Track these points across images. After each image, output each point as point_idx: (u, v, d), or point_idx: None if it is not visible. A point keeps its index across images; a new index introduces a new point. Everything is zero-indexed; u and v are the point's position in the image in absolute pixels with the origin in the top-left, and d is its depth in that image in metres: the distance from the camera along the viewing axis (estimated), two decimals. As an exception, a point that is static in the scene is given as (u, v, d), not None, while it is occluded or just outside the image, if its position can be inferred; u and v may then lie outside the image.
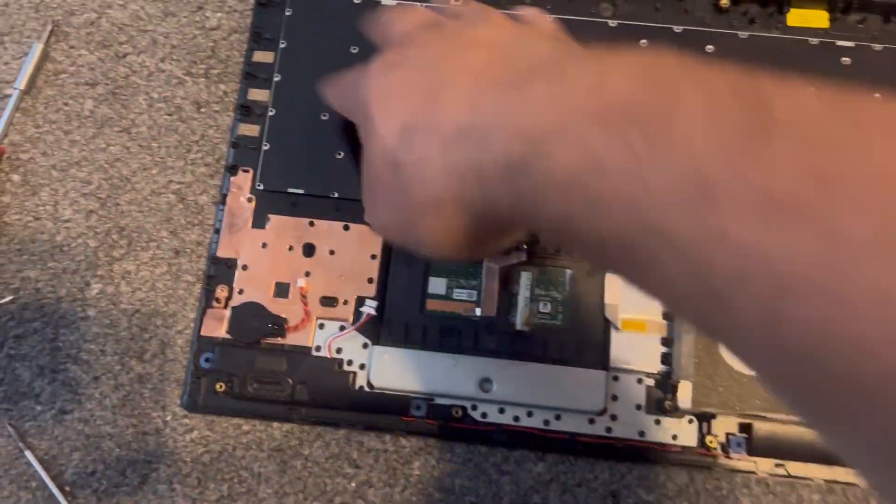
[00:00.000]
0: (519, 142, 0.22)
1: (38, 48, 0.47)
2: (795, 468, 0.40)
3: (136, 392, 0.42)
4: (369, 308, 0.42)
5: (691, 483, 0.41)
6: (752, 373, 0.40)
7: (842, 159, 0.16)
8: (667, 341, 0.41)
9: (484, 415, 0.41)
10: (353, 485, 0.41)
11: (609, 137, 0.19)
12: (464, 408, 0.41)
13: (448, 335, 0.42)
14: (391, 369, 0.41)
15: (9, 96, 0.47)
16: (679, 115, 0.18)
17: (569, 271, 0.43)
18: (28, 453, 0.41)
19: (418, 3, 0.45)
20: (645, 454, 0.40)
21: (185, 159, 0.46)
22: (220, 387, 0.41)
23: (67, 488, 0.41)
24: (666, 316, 0.42)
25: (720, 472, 0.40)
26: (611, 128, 0.19)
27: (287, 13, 0.46)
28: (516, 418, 0.41)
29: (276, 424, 0.42)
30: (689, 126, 0.18)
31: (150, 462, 0.42)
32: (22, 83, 0.47)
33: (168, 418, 0.42)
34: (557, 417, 0.41)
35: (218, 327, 0.42)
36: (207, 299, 0.42)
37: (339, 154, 0.44)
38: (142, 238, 0.45)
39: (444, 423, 0.41)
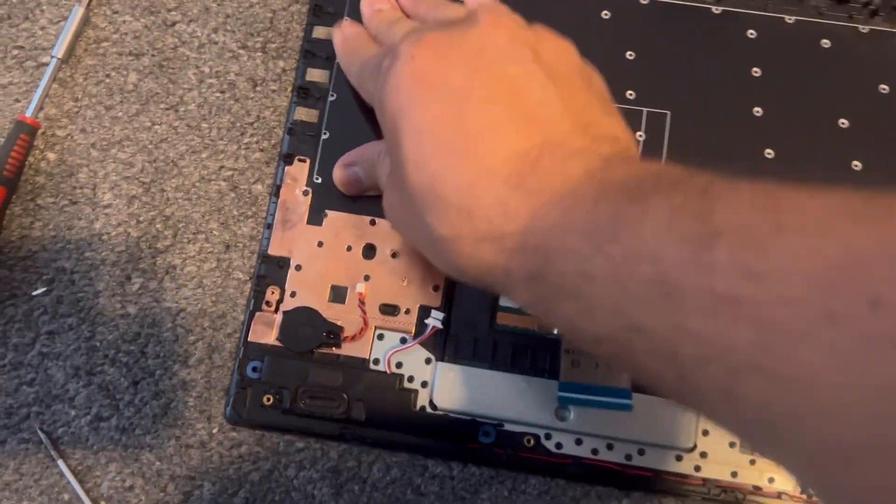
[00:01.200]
0: (535, 256, 0.25)
1: (78, 12, 0.43)
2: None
3: (180, 400, 0.39)
4: (435, 320, 0.38)
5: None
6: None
7: (766, 258, 0.18)
8: (766, 373, 0.37)
9: (559, 445, 0.37)
10: (413, 512, 0.38)
11: (595, 251, 0.22)
12: (537, 436, 0.37)
13: (521, 354, 0.38)
14: (457, 389, 0.37)
15: (45, 65, 0.43)
16: (646, 228, 0.21)
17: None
18: (60, 463, 0.38)
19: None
20: (737, 498, 0.36)
21: (238, 143, 0.42)
22: (268, 399, 0.37)
23: (103, 503, 0.38)
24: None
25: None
26: (597, 242, 0.23)
27: (352, -17, 0.42)
28: (595, 451, 0.37)
29: (331, 443, 0.38)
30: (654, 238, 0.21)
31: (193, 478, 0.38)
32: (60, 51, 0.42)
33: (214, 430, 0.38)
34: (641, 452, 0.37)
35: (267, 333, 0.38)
36: (257, 302, 0.38)
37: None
38: (189, 229, 0.41)
39: (515, 452, 0.37)
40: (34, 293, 0.40)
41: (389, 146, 0.30)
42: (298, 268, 0.39)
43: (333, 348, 0.38)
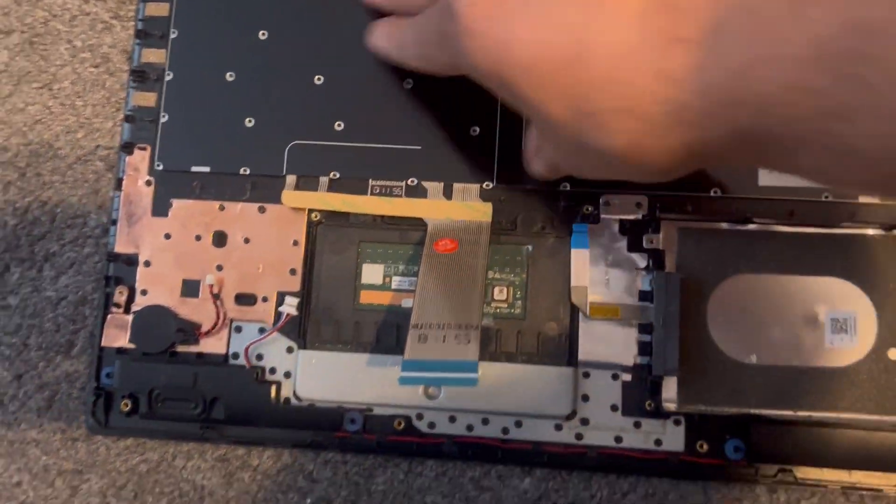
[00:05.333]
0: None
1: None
2: (806, 473, 0.33)
3: (64, 392, 0.38)
4: (289, 307, 0.35)
5: (707, 501, 0.35)
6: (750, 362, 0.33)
7: None
8: (645, 328, 0.34)
9: (431, 425, 0.35)
10: (309, 501, 0.36)
11: None
12: (407, 418, 0.35)
13: (386, 333, 0.35)
14: (321, 377, 0.35)
15: None
16: None
17: (527, 247, 0.35)
18: (-57, 470, 0.38)
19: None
20: (622, 463, 0.34)
21: (113, 120, 0.40)
22: (126, 405, 0.36)
23: (-12, 504, 0.38)
24: (643, 298, 0.34)
25: (721, 483, 0.34)
26: None
27: (181, -48, 0.39)
28: (470, 427, 0.35)
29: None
30: None
31: (80, 472, 0.37)
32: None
33: (101, 421, 0.38)
34: (518, 424, 0.34)
35: (121, 336, 0.36)
36: (106, 304, 0.37)
37: (250, 121, 0.37)
38: (67, 213, 0.39)
39: (385, 437, 0.35)
40: None
41: (514, 103, 0.25)
42: (147, 263, 0.37)
43: (190, 346, 0.36)
